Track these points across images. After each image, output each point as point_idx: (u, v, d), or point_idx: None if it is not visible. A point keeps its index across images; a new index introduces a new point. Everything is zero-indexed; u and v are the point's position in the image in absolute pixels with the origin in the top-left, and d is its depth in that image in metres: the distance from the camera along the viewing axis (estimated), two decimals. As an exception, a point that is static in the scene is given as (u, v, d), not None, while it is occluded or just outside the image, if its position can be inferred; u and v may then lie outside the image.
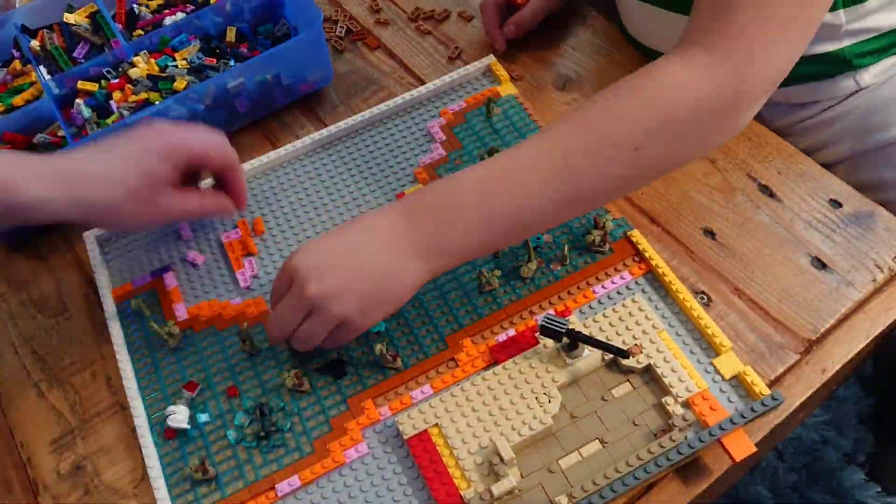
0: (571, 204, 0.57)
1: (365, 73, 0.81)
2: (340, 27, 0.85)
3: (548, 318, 0.55)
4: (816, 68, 0.71)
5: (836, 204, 0.65)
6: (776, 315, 0.60)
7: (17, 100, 0.77)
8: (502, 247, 0.63)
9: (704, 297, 0.62)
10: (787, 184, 0.67)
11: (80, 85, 0.75)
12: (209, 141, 0.63)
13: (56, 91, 0.74)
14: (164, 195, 0.61)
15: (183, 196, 0.63)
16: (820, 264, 0.62)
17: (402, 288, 0.56)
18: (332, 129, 0.75)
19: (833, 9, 0.67)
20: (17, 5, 0.87)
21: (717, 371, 0.57)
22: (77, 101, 0.73)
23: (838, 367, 0.58)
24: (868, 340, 0.59)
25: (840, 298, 0.60)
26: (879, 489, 1.03)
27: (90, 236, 0.71)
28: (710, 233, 0.65)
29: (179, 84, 0.73)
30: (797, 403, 0.57)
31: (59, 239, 0.72)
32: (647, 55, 0.77)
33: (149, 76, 0.74)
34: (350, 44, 0.84)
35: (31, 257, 0.72)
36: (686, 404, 0.55)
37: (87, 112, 0.73)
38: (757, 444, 0.55)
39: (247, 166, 0.73)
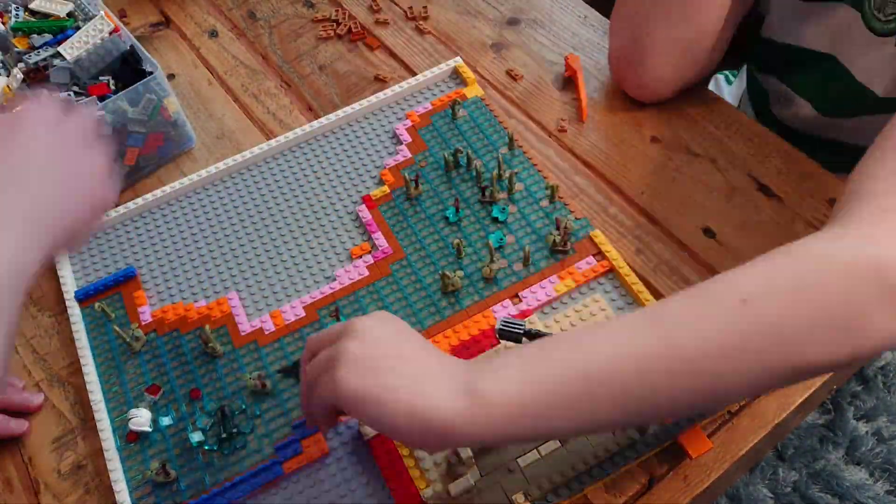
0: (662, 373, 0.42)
1: (365, 73, 0.81)
2: (341, 27, 0.86)
3: (505, 321, 0.55)
4: None
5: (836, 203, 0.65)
6: None
7: None
8: (580, 420, 0.43)
9: None
10: (787, 184, 0.67)
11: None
12: None
13: None
14: None
15: None
16: None
17: (415, 395, 0.43)
18: (299, 131, 0.75)
19: None
20: None
21: (675, 369, 0.57)
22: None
23: (838, 366, 0.58)
24: (868, 340, 0.59)
25: None
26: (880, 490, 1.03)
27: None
28: (710, 233, 0.65)
29: None
30: (797, 403, 0.56)
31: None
32: None
33: None
34: (350, 44, 0.85)
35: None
36: (644, 402, 0.55)
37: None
38: (757, 444, 0.55)
39: (228, 162, 0.73)
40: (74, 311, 0.66)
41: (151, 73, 0.70)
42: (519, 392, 0.41)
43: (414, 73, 0.80)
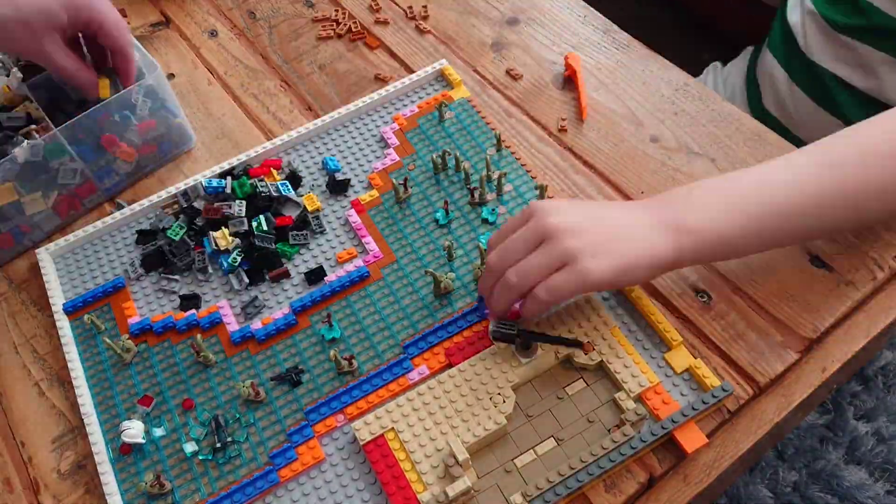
0: (834, 201, 0.56)
1: (365, 72, 0.81)
2: (341, 27, 0.86)
3: (498, 324, 0.56)
4: None
5: None
6: (776, 314, 0.60)
7: None
8: (760, 242, 0.58)
9: (704, 296, 0.61)
10: None
11: None
12: (112, 14, 0.67)
13: None
14: (50, 39, 0.65)
15: (66, 52, 0.66)
16: (820, 263, 0.62)
17: (641, 250, 0.54)
18: (285, 137, 0.75)
19: None
20: None
21: (668, 365, 0.58)
22: None
23: (838, 366, 0.58)
24: (868, 339, 0.59)
25: (840, 297, 0.60)
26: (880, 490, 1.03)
27: (43, 252, 0.70)
28: None
29: None
30: (797, 402, 0.56)
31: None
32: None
33: None
34: (350, 43, 0.84)
35: (32, 257, 0.71)
36: (639, 399, 0.56)
37: None
38: (757, 444, 0.55)
39: (207, 173, 0.73)
40: (63, 323, 0.66)
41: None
42: (721, 222, 0.55)
43: (414, 73, 0.79)
